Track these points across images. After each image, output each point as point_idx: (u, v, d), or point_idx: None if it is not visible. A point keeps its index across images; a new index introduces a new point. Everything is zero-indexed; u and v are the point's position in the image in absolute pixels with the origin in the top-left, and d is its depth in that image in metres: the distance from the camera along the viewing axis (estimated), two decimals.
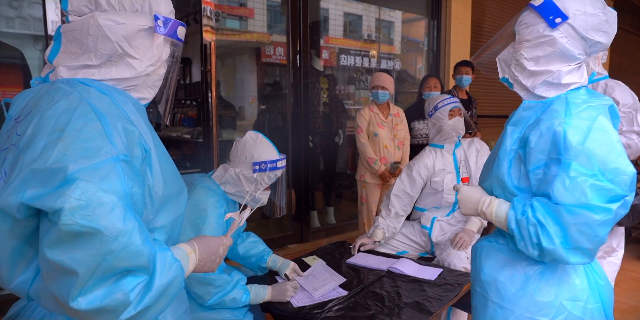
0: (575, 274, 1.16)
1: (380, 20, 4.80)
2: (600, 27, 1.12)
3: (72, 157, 0.77)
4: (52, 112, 0.83)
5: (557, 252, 1.07)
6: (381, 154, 3.24)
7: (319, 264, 2.04)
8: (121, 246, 0.78)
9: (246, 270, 1.97)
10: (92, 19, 0.91)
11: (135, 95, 0.99)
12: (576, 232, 1.04)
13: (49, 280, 0.79)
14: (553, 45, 1.14)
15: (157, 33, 0.97)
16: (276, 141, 1.80)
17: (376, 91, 3.24)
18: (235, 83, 4.35)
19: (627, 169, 1.04)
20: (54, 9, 2.42)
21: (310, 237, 3.86)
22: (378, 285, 1.83)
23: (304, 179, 3.79)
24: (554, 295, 1.14)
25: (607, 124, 1.08)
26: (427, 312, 1.60)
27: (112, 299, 0.78)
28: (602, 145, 1.05)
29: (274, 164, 1.69)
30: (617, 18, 1.16)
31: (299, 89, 3.68)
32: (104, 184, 0.78)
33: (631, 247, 4.08)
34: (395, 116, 3.33)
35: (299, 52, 3.66)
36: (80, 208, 0.74)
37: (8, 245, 0.82)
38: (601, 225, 1.03)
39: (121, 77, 0.95)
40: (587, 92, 1.18)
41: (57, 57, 0.95)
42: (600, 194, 1.03)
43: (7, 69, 2.83)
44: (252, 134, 1.75)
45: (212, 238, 1.08)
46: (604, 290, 1.18)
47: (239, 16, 4.07)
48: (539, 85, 1.19)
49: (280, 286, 1.70)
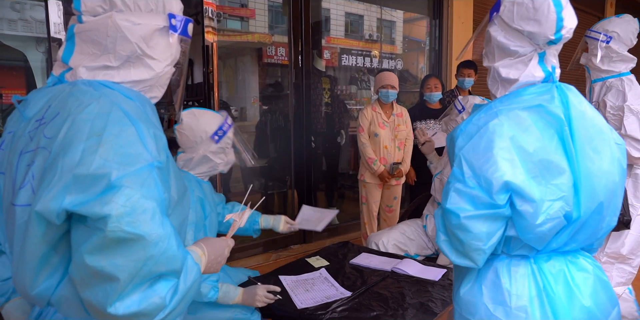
0: (506, 279, 1.09)
1: (381, 20, 4.80)
2: (528, 16, 1.06)
3: (114, 163, 0.78)
4: (85, 116, 0.83)
5: (442, 248, 1.10)
6: (381, 155, 3.23)
7: (304, 208, 2.10)
8: (161, 251, 0.79)
9: (237, 275, 1.95)
10: (110, 20, 0.90)
11: (149, 95, 0.99)
12: (450, 233, 1.06)
13: (82, 287, 0.79)
14: (491, 41, 1.14)
15: (172, 32, 0.97)
16: (278, 142, 1.81)
17: (386, 91, 3.19)
18: (236, 84, 4.35)
19: (494, 177, 0.98)
20: (57, 11, 2.43)
21: (313, 238, 3.85)
22: (382, 286, 1.83)
23: (307, 180, 3.78)
24: (480, 296, 1.12)
25: (498, 129, 1.02)
26: (432, 313, 1.59)
27: (149, 303, 0.80)
28: (477, 152, 1.03)
29: (227, 125, 1.73)
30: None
31: (300, 89, 3.68)
32: (145, 190, 0.79)
33: None
34: (398, 116, 3.29)
35: (300, 53, 3.66)
36: (126, 215, 0.75)
37: (38, 251, 0.81)
38: (458, 228, 1.02)
39: (140, 78, 0.95)
40: (524, 92, 1.09)
41: (73, 58, 0.94)
42: (465, 199, 1.02)
43: (10, 71, 2.83)
44: (187, 114, 1.72)
45: (217, 240, 1.09)
46: (558, 304, 1.05)
47: (240, 17, 4.07)
48: (490, 82, 1.18)
49: (251, 290, 1.65)
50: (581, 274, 1.09)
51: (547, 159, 1.01)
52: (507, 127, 1.03)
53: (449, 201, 1.03)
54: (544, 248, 1.06)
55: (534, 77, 1.11)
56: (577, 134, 1.04)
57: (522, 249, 1.08)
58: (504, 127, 1.03)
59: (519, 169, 1.00)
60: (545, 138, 1.03)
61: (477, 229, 1.01)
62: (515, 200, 1.00)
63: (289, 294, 1.76)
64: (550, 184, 1.01)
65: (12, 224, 0.85)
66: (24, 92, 2.84)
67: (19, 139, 0.91)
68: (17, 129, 0.93)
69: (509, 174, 0.99)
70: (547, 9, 1.05)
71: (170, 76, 1.03)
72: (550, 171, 1.01)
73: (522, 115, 1.05)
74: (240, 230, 1.95)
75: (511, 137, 1.02)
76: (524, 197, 0.99)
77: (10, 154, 0.92)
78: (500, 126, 1.03)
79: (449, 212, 1.03)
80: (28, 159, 0.86)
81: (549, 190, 1.00)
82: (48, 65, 2.88)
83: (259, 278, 1.92)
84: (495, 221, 1.02)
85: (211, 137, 1.69)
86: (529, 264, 1.09)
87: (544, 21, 1.05)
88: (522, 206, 1.00)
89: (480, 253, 1.03)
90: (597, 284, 1.10)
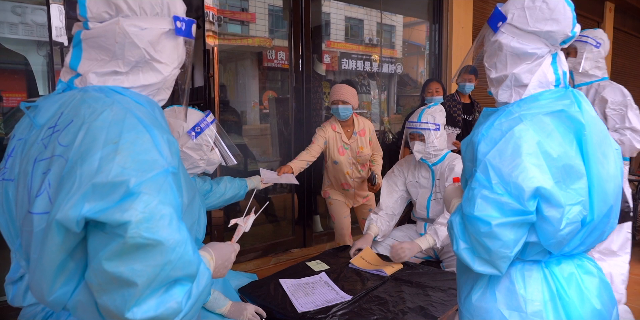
0: (520, 284, 1.10)
1: (381, 24, 4.82)
2: (544, 17, 1.10)
3: (132, 170, 0.78)
4: (99, 123, 0.83)
5: (462, 257, 1.08)
6: (343, 181, 2.94)
7: (262, 171, 2.28)
8: (178, 256, 0.80)
9: (235, 279, 1.95)
10: (118, 26, 0.91)
11: (157, 98, 1.00)
12: (474, 241, 1.05)
13: (100, 293, 0.79)
14: (501, 49, 1.15)
15: (178, 35, 0.98)
16: (278, 145, 1.81)
17: (336, 107, 2.74)
18: (237, 88, 4.36)
19: (526, 184, 0.98)
20: (58, 15, 2.44)
21: (312, 242, 3.85)
22: (382, 289, 1.83)
23: (307, 184, 3.78)
24: (494, 302, 1.12)
25: (524, 134, 1.02)
26: (432, 317, 1.59)
27: (166, 308, 0.81)
28: (504, 157, 1.02)
29: (206, 122, 1.74)
30: (619, 21, 1.16)
31: (301, 93, 3.69)
32: (162, 196, 0.80)
33: (636, 250, 4.06)
34: (360, 135, 2.85)
35: (300, 57, 3.67)
36: (145, 221, 0.76)
37: (57, 259, 0.82)
38: (487, 236, 1.01)
39: (149, 83, 0.96)
40: (540, 97, 1.11)
41: (82, 64, 0.95)
42: (493, 206, 1.00)
43: (11, 74, 2.84)
44: (168, 110, 1.73)
45: (224, 245, 1.10)
46: (571, 307, 1.07)
47: (240, 21, 4.09)
48: (501, 92, 1.18)
49: (240, 305, 1.65)
50: (588, 277, 1.11)
51: (569, 164, 1.02)
52: (532, 132, 1.03)
53: (477, 208, 1.02)
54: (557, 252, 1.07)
55: (547, 79, 1.13)
56: (591, 139, 1.05)
57: (538, 255, 1.08)
58: (530, 132, 1.03)
59: (547, 174, 1.00)
60: (566, 143, 1.04)
61: (507, 237, 1.00)
62: (543, 205, 1.00)
63: (289, 297, 1.75)
64: (570, 188, 1.02)
65: (29, 232, 0.84)
66: (25, 95, 2.85)
67: (31, 147, 0.91)
68: (29, 137, 0.93)
69: (540, 179, 0.98)
70: (563, 8, 1.10)
71: (174, 79, 1.04)
72: (570, 176, 1.02)
73: (546, 120, 1.05)
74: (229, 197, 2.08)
75: (537, 142, 1.02)
76: (551, 203, 0.99)
77: (22, 161, 0.92)
78: (527, 131, 1.03)
79: (476, 219, 1.02)
80: (44, 167, 0.86)
81: (569, 195, 1.01)
82: (49, 68, 2.89)
83: (258, 281, 1.92)
84: (521, 228, 1.02)
85: (188, 133, 1.70)
86: (541, 268, 1.10)
87: (562, 19, 1.10)
88: (549, 212, 0.99)
89: (506, 260, 1.03)
90: (601, 286, 1.12)
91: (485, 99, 5.04)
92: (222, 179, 2.10)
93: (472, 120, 3.72)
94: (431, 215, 2.40)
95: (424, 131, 2.32)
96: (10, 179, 0.93)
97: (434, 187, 2.39)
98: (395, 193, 2.51)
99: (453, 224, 1.11)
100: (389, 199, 2.50)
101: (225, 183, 2.08)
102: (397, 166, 2.58)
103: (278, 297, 1.76)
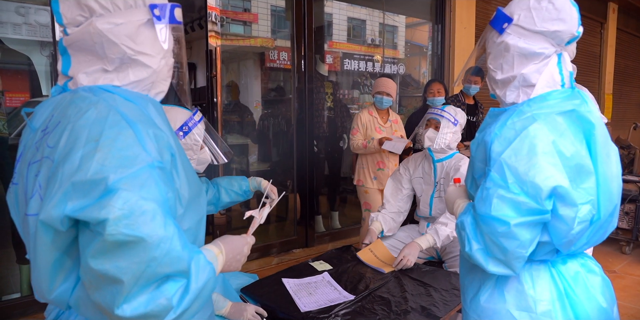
0: (529, 284, 1.10)
1: (384, 24, 4.82)
2: (551, 17, 1.10)
3: (111, 167, 0.78)
4: (83, 122, 0.83)
5: (475, 258, 1.07)
6: (379, 159, 3.22)
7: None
8: (164, 253, 0.79)
9: (235, 279, 1.95)
10: (91, 27, 0.90)
11: (154, 92, 0.99)
12: (489, 241, 1.04)
13: (91, 290, 0.80)
14: (508, 50, 1.15)
15: (158, 23, 0.95)
16: (280, 146, 1.79)
17: (381, 97, 3.22)
18: (239, 88, 4.37)
19: (543, 183, 0.97)
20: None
21: (315, 242, 3.85)
22: (384, 289, 1.83)
23: (309, 184, 3.79)
24: (503, 303, 1.11)
25: (539, 133, 1.02)
26: (434, 317, 1.59)
27: (156, 305, 0.80)
28: (520, 157, 1.01)
29: (193, 121, 1.68)
30: (623, 22, 1.16)
31: (303, 93, 3.70)
32: (144, 192, 0.78)
33: (637, 252, 4.05)
34: (394, 123, 3.31)
35: (303, 57, 3.67)
36: (124, 217, 0.75)
37: (50, 258, 0.82)
38: (504, 236, 1.00)
39: (139, 78, 0.95)
40: (549, 97, 1.10)
41: (72, 68, 0.94)
42: (509, 206, 1.00)
43: (14, 74, 2.85)
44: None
45: (236, 238, 1.08)
46: (579, 306, 1.08)
47: (243, 21, 4.10)
48: (508, 93, 1.18)
49: (240, 306, 1.64)
50: (592, 275, 1.12)
51: (580, 163, 1.02)
52: (547, 131, 1.03)
53: (493, 208, 1.01)
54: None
55: (554, 79, 1.14)
56: (598, 139, 1.05)
57: (547, 254, 1.09)
58: (545, 131, 1.03)
59: (563, 173, 1.00)
60: (577, 142, 1.04)
61: (524, 237, 1.00)
62: (558, 204, 1.00)
63: (292, 297, 1.76)
64: (580, 187, 1.02)
65: (27, 233, 0.86)
66: (28, 95, 2.86)
67: (28, 150, 0.92)
68: (27, 141, 0.95)
69: (557, 178, 0.98)
70: (570, 8, 1.11)
71: (171, 68, 1.02)
72: (580, 175, 1.02)
73: (558, 120, 1.06)
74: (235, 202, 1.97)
75: (552, 142, 1.02)
76: (566, 202, 0.99)
77: (22, 165, 0.93)
78: (542, 130, 1.03)
79: (493, 219, 1.01)
80: (35, 169, 0.87)
81: (580, 194, 1.01)
82: (52, 68, 2.90)
83: (261, 280, 1.92)
84: (536, 227, 1.02)
85: (176, 133, 1.66)
86: (548, 268, 1.10)
87: (568, 19, 1.10)
88: (564, 211, 0.99)
89: (521, 260, 1.03)
90: (604, 284, 1.13)
91: (489, 101, 5.04)
92: (219, 184, 2.05)
93: (475, 121, 3.71)
94: (434, 213, 2.40)
95: (442, 119, 2.37)
96: (16, 182, 0.95)
97: (437, 185, 2.40)
98: (400, 192, 2.53)
99: (465, 225, 1.10)
100: (393, 198, 2.52)
101: (224, 188, 2.01)
102: (402, 164, 2.60)
103: (281, 297, 1.76)
